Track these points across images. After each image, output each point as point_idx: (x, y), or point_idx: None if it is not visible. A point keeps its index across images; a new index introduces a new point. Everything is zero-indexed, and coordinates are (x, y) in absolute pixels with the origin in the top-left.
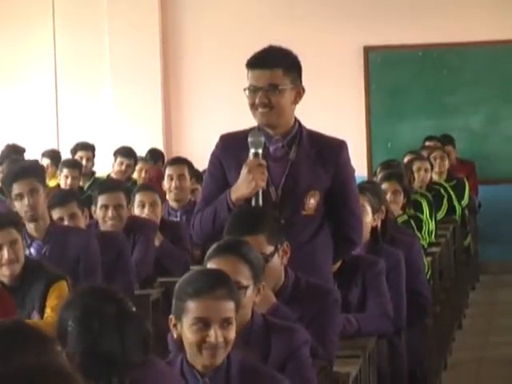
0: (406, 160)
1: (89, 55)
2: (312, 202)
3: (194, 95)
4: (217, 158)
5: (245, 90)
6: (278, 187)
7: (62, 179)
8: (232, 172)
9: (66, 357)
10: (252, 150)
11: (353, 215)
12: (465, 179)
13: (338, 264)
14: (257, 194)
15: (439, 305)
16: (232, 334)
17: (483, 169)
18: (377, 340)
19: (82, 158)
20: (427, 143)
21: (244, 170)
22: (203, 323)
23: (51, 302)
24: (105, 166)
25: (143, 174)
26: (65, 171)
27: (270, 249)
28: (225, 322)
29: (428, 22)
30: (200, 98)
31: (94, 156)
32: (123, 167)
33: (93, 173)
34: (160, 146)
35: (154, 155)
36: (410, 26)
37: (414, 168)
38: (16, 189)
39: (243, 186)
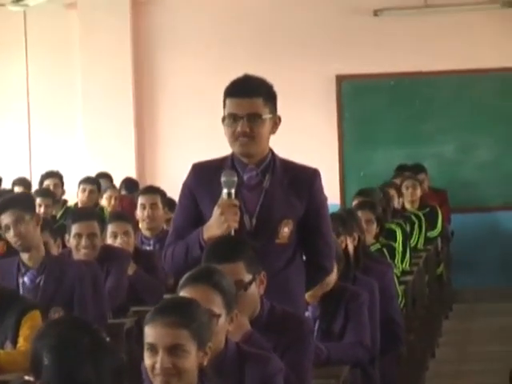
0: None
1: (61, 88)
2: (286, 230)
3: (167, 125)
4: (188, 187)
5: (223, 119)
6: (253, 216)
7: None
8: (204, 201)
9: None
10: (225, 190)
11: (325, 243)
12: (437, 207)
13: (327, 291)
14: (229, 233)
15: (412, 333)
16: (185, 362)
17: (456, 197)
18: (350, 368)
19: (49, 186)
20: (397, 172)
21: (216, 211)
22: (152, 349)
23: (24, 331)
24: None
25: (112, 202)
26: (38, 200)
27: (248, 277)
28: (174, 349)
29: (399, 51)
30: (174, 126)
31: (62, 184)
32: (86, 193)
33: (65, 201)
34: (133, 175)
35: (129, 184)
36: (381, 55)
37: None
38: (3, 220)
39: (215, 226)
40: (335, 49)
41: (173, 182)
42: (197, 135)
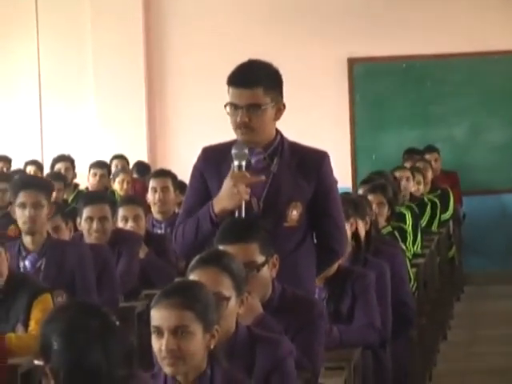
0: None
1: (72, 69)
2: (294, 213)
3: (178, 107)
4: (198, 170)
5: (225, 106)
6: (260, 199)
7: None
8: (214, 184)
9: (49, 372)
10: (236, 163)
11: (336, 226)
12: (449, 190)
13: (329, 274)
14: (240, 206)
15: (424, 316)
16: (191, 344)
17: (467, 179)
18: (362, 351)
19: (60, 170)
20: (406, 156)
21: (229, 183)
22: (158, 332)
23: (35, 314)
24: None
25: (125, 186)
26: None
27: (261, 258)
28: (179, 331)
29: (411, 33)
30: (184, 109)
31: (73, 167)
32: (97, 178)
33: (76, 185)
34: (145, 159)
35: (141, 168)
36: (393, 37)
37: (397, 176)
38: (21, 197)
39: (227, 198)
40: (347, 31)
41: (184, 165)
42: (208, 118)
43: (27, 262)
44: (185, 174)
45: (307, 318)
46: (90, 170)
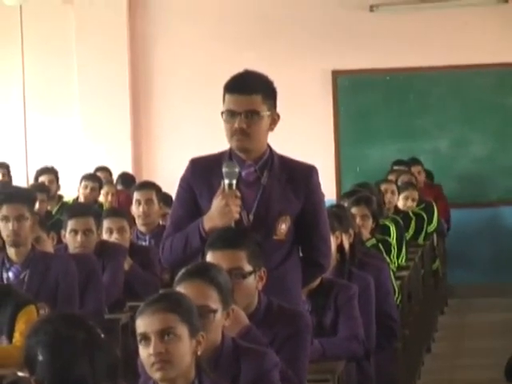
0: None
1: (57, 80)
2: (283, 227)
3: (163, 119)
4: (187, 182)
5: (222, 113)
6: (250, 212)
7: None
8: (203, 196)
9: None
10: (226, 181)
11: (322, 240)
12: (433, 203)
13: (312, 287)
14: (230, 224)
15: (408, 328)
16: (178, 346)
17: (451, 192)
18: (346, 363)
19: (44, 182)
20: (395, 167)
21: (220, 201)
22: (145, 339)
23: (20, 326)
24: (73, 190)
25: (109, 198)
26: None
27: (248, 267)
28: (164, 334)
29: (395, 46)
30: (170, 121)
31: (57, 179)
32: (88, 190)
33: (60, 197)
34: (129, 170)
35: (125, 180)
36: (377, 50)
37: (382, 189)
38: (4, 211)
39: (218, 216)
40: (331, 44)
41: (169, 177)
42: (193, 130)
43: (10, 274)
44: (169, 186)
45: (293, 330)
46: (81, 182)
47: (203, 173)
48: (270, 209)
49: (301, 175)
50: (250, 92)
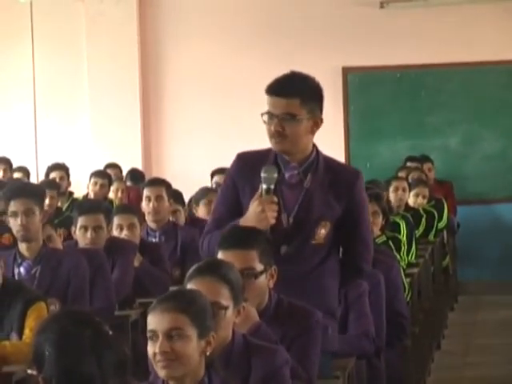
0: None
1: (67, 79)
2: (322, 232)
3: (173, 115)
4: (231, 177)
5: (262, 114)
6: (291, 215)
7: None
8: (246, 192)
9: (42, 381)
10: (264, 186)
11: (364, 245)
12: (443, 200)
13: None
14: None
15: (418, 325)
16: (184, 347)
17: (461, 189)
18: (356, 360)
19: (55, 178)
20: (408, 164)
21: (257, 207)
22: (153, 336)
23: (30, 323)
24: (84, 189)
25: (119, 194)
26: None
27: (260, 267)
28: (172, 333)
29: (406, 43)
30: (180, 117)
31: (68, 176)
32: (97, 187)
33: (70, 193)
34: (139, 167)
35: (135, 176)
36: (388, 47)
37: (391, 188)
38: (12, 206)
39: (254, 221)
40: (341, 41)
41: (178, 174)
42: (202, 128)
43: (22, 269)
44: (179, 183)
45: (304, 327)
46: (90, 179)
47: (247, 168)
48: (311, 213)
49: (345, 180)
50: (288, 95)
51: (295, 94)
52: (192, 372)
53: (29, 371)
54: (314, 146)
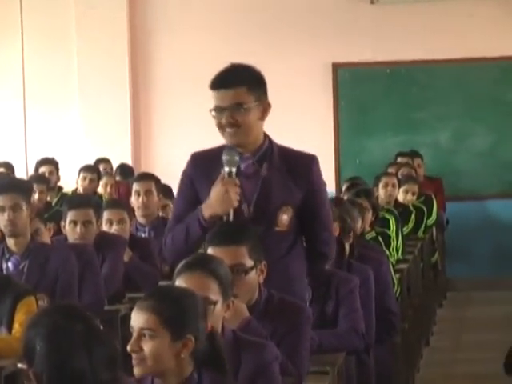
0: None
1: (57, 72)
2: (285, 217)
3: (162, 111)
4: (188, 177)
5: (211, 111)
6: (251, 204)
7: None
8: (204, 190)
9: (33, 376)
10: (226, 169)
11: (325, 229)
12: (433, 196)
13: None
14: (229, 212)
15: (407, 322)
16: (151, 347)
17: (451, 185)
18: (345, 356)
19: (44, 173)
20: (399, 159)
21: (220, 188)
22: (132, 331)
23: (19, 317)
24: (73, 183)
25: (108, 189)
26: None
27: (249, 262)
28: (144, 332)
29: (396, 39)
30: (169, 113)
31: (57, 170)
32: (86, 182)
33: (60, 188)
34: (129, 162)
35: (124, 171)
36: (378, 43)
37: (381, 184)
38: None
39: (218, 203)
40: (332, 36)
41: (167, 169)
42: (192, 122)
43: (10, 264)
44: (168, 178)
45: (294, 323)
46: (79, 174)
47: (204, 167)
48: (271, 200)
49: (301, 165)
50: (233, 85)
51: (241, 82)
52: (170, 371)
53: (19, 365)
54: (266, 135)
